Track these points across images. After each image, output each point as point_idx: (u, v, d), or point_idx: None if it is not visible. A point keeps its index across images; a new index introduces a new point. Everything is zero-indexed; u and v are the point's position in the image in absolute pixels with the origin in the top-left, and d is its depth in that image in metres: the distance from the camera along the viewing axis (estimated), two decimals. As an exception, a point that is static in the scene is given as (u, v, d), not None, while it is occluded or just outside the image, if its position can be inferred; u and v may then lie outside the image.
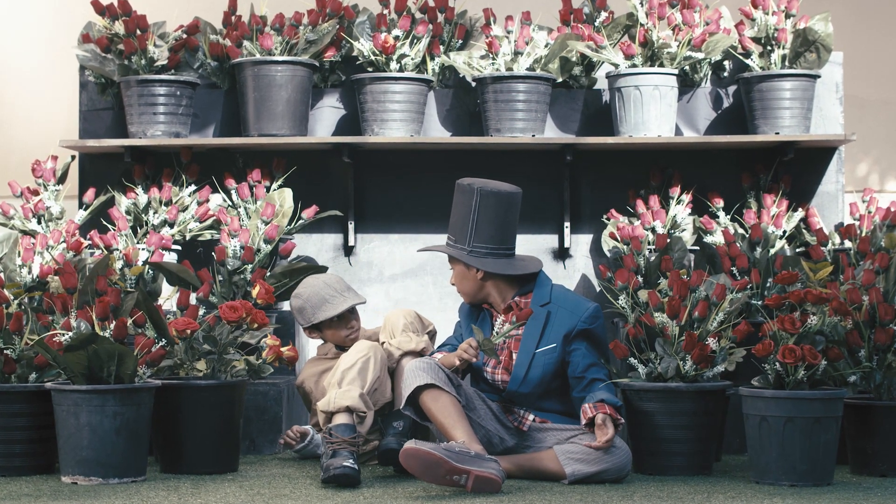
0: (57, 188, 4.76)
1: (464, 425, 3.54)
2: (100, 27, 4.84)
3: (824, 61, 4.79)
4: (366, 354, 3.75)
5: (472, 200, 3.74)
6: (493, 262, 3.75)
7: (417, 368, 3.61)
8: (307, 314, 4.00)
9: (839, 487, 3.54)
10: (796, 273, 3.91)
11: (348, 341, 4.00)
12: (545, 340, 3.73)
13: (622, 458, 3.61)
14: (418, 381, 3.58)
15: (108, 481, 3.53)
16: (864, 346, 3.74)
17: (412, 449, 3.36)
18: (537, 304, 3.74)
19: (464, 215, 3.76)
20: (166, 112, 4.75)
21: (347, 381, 3.68)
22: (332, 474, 3.47)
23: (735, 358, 3.76)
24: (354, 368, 3.71)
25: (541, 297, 3.76)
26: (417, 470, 3.37)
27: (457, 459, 3.36)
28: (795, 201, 4.85)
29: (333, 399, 3.65)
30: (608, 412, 3.59)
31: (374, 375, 3.73)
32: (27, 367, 3.77)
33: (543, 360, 3.72)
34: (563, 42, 4.82)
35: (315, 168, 4.96)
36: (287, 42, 4.82)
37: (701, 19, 4.79)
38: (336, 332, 4.01)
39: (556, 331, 3.72)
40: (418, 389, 3.59)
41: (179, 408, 3.68)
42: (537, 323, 3.73)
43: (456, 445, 3.41)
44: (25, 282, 4.30)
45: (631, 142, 4.74)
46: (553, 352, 3.72)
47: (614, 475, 3.60)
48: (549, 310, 3.74)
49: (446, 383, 3.60)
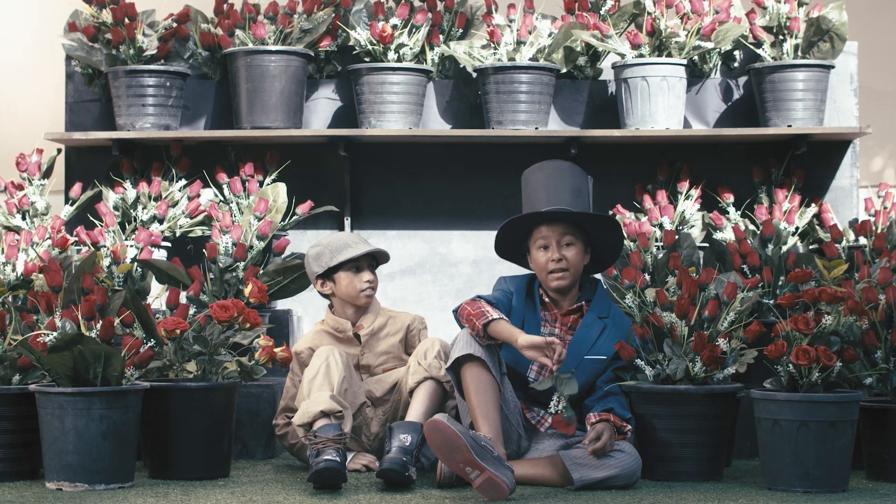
0: (42, 183, 4.78)
1: (495, 421, 3.49)
2: (87, 15, 4.86)
3: (838, 51, 4.79)
4: (325, 359, 3.74)
5: (585, 183, 3.73)
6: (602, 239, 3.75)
7: (473, 339, 3.55)
8: (324, 258, 3.95)
9: (854, 494, 3.50)
10: (810, 271, 3.91)
11: (362, 297, 3.95)
12: (596, 350, 3.70)
13: (631, 464, 3.57)
14: (471, 349, 3.52)
15: (94, 487, 3.51)
16: (880, 347, 3.71)
17: (441, 423, 3.31)
18: (596, 315, 3.72)
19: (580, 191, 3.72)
20: (156, 104, 4.75)
21: (316, 389, 3.68)
22: (316, 470, 3.45)
23: (746, 359, 3.73)
24: (319, 375, 3.70)
25: (601, 309, 3.74)
26: (437, 445, 3.31)
27: (478, 453, 3.31)
28: (808, 196, 4.85)
29: (306, 409, 3.64)
30: (610, 419, 3.58)
31: (339, 376, 3.70)
32: (10, 368, 3.74)
33: (591, 368, 3.70)
34: (567, 31, 4.83)
35: (310, 162, 4.96)
36: (281, 31, 4.82)
37: (710, 7, 4.81)
38: (352, 281, 3.94)
39: (607, 345, 3.71)
40: (466, 357, 3.53)
41: (169, 411, 3.66)
42: (592, 332, 3.70)
43: (483, 438, 3.36)
44: (9, 280, 4.28)
45: (638, 135, 4.74)
46: (601, 363, 3.70)
47: (623, 481, 3.56)
48: (605, 324, 3.72)
49: (496, 366, 3.56)
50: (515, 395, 3.69)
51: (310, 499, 3.40)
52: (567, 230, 3.68)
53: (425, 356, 3.78)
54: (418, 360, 3.77)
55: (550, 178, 3.71)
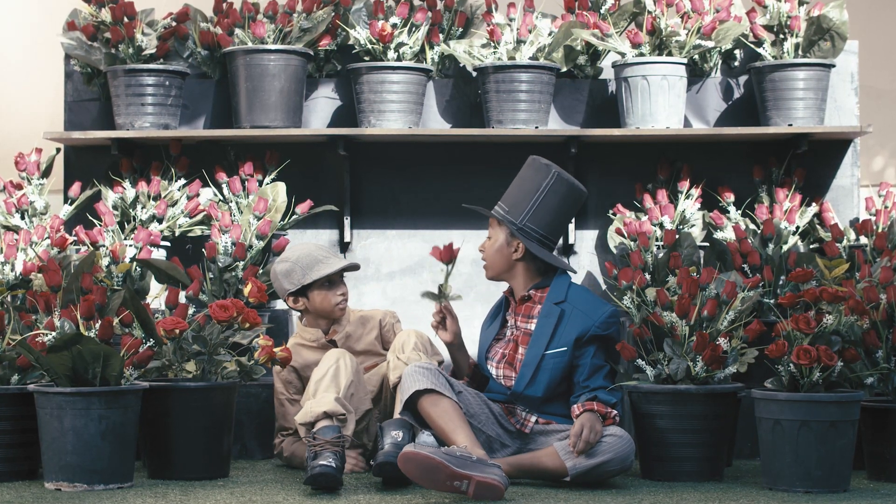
0: (41, 182, 4.76)
1: (465, 429, 3.50)
2: (86, 14, 4.84)
3: (839, 50, 4.78)
4: (335, 362, 3.73)
5: (544, 181, 3.71)
6: (537, 247, 3.70)
7: (416, 373, 3.58)
8: (296, 276, 3.94)
9: (856, 494, 3.50)
10: (811, 270, 3.90)
11: (337, 311, 3.96)
12: (556, 342, 3.67)
13: (624, 447, 3.55)
14: (417, 385, 3.55)
15: (93, 488, 3.50)
16: (881, 347, 3.71)
17: (411, 453, 3.30)
18: (551, 302, 3.69)
19: (529, 192, 3.71)
20: (155, 103, 4.73)
21: (322, 390, 3.67)
22: (311, 475, 3.45)
23: (747, 359, 3.73)
24: (327, 377, 3.70)
25: (557, 294, 3.70)
26: (416, 475, 3.30)
27: (458, 464, 3.30)
28: (809, 196, 4.84)
29: (310, 409, 3.63)
30: (594, 408, 3.56)
31: (347, 380, 3.71)
32: (9, 368, 3.74)
33: (552, 362, 3.67)
34: (567, 30, 4.81)
35: (309, 161, 4.94)
36: (280, 30, 4.80)
37: (711, 6, 4.79)
38: (326, 296, 3.95)
39: (567, 332, 3.67)
40: (417, 394, 3.55)
41: (168, 411, 3.66)
42: (549, 322, 3.67)
43: (457, 450, 3.35)
44: (8, 279, 4.28)
45: (638, 134, 4.73)
46: (563, 355, 3.67)
47: (618, 465, 3.55)
48: (563, 308, 3.68)
49: (446, 388, 3.57)
50: (490, 405, 3.69)
51: (309, 499, 3.39)
52: (490, 224, 3.77)
53: (403, 349, 3.78)
54: (397, 355, 3.77)
55: (519, 178, 3.77)
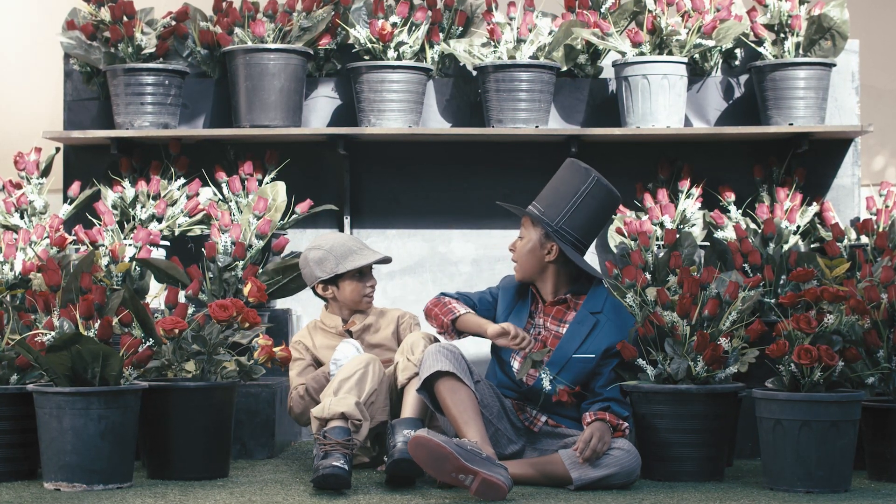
0: (40, 181, 4.76)
1: (478, 425, 3.49)
2: (85, 13, 4.84)
3: (840, 49, 4.77)
4: (364, 366, 3.73)
5: (583, 184, 3.72)
6: (571, 250, 3.70)
7: (439, 353, 3.55)
8: (328, 265, 3.97)
9: (857, 494, 3.49)
10: (811, 270, 3.90)
11: (365, 302, 4.00)
12: (585, 348, 3.69)
13: (630, 462, 3.55)
14: (439, 365, 3.53)
15: (92, 488, 3.49)
16: (882, 347, 3.70)
17: (423, 438, 3.30)
18: (588, 310, 3.71)
19: (566, 194, 3.72)
20: (154, 102, 4.73)
21: (345, 390, 3.67)
22: (321, 474, 3.44)
23: (748, 359, 3.72)
24: (352, 378, 3.69)
25: (594, 304, 3.73)
26: (424, 460, 3.31)
27: (467, 458, 3.30)
28: (810, 195, 4.83)
29: (328, 406, 3.63)
30: (606, 418, 3.57)
31: (371, 387, 3.71)
32: (8, 368, 3.74)
33: (578, 366, 3.68)
34: (567, 29, 4.81)
35: (309, 160, 4.94)
36: (280, 29, 4.80)
37: (711, 5, 4.79)
38: (356, 287, 3.99)
39: (598, 341, 3.69)
40: (437, 374, 3.53)
41: (167, 411, 3.65)
42: (582, 329, 3.69)
43: (468, 443, 3.35)
44: (7, 279, 4.27)
45: (638, 133, 4.72)
46: (590, 362, 3.68)
47: (622, 479, 3.55)
48: (598, 319, 3.71)
49: (467, 375, 3.55)
50: (502, 399, 3.69)
51: (310, 499, 3.39)
52: (523, 224, 3.76)
53: (412, 351, 3.78)
54: (406, 357, 3.77)
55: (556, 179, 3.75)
